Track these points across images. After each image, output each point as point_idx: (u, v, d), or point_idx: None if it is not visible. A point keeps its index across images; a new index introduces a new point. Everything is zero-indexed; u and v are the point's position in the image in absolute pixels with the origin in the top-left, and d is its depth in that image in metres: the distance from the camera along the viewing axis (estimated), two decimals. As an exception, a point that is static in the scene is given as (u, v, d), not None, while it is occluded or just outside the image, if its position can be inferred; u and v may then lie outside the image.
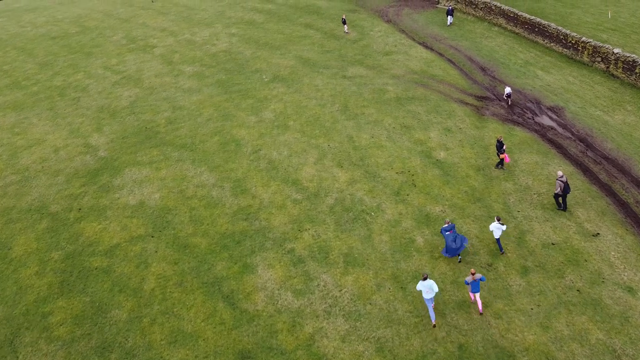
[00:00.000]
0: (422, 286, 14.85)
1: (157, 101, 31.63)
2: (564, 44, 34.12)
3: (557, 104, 28.04)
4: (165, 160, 25.01)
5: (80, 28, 50.39)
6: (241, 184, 22.58)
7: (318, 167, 23.40)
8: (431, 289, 14.77)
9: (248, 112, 29.06)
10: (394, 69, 33.65)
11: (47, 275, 18.55)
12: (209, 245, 19.22)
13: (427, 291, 14.80)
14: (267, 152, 24.89)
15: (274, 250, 18.75)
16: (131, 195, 22.55)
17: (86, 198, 22.68)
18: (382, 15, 45.42)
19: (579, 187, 21.19)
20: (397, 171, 22.80)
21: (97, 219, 21.20)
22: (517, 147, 24.30)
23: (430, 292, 14.80)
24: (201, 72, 35.36)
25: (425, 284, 14.79)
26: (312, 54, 37.10)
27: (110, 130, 28.58)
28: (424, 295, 14.91)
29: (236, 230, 19.84)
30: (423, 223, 19.53)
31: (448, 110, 27.90)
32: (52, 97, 34.08)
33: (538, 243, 18.23)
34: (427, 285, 14.78)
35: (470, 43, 37.41)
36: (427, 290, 14.81)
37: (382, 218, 19.90)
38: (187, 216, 20.89)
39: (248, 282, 17.42)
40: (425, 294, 14.89)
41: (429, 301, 15.04)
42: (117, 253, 19.22)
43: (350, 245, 18.69)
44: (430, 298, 14.92)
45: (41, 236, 20.60)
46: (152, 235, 20.00)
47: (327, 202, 21.05)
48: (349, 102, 29.16)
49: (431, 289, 14.77)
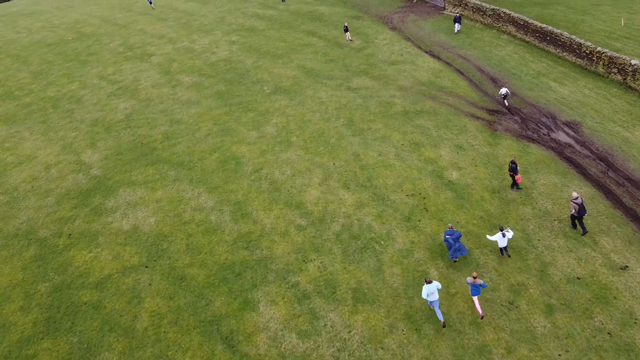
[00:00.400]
0: (427, 289, 14.94)
1: (153, 114, 30.32)
2: (578, 53, 32.77)
3: (574, 119, 26.69)
4: (162, 179, 23.68)
5: (76, 34, 49.12)
6: (241, 208, 21.24)
7: (323, 189, 22.06)
8: (435, 290, 14.98)
9: (249, 126, 27.73)
10: (400, 79, 32.31)
11: (33, 311, 17.21)
12: (207, 278, 17.88)
13: (432, 293, 14.99)
14: (268, 171, 23.55)
15: (276, 283, 17.41)
16: (125, 219, 21.22)
17: (77, 222, 21.35)
18: (386, 22, 44.10)
19: (602, 212, 19.84)
20: (407, 193, 21.46)
21: (87, 246, 19.87)
22: (534, 166, 22.95)
23: (435, 293, 14.99)
24: (200, 83, 34.05)
25: (430, 286, 14.93)
26: (315, 63, 35.78)
27: (104, 146, 27.26)
28: (429, 298, 15.09)
29: (236, 261, 18.50)
30: (437, 253, 18.18)
31: (459, 125, 26.56)
32: (45, 109, 32.78)
33: (562, 277, 16.87)
34: (431, 288, 14.94)
35: (479, 52, 36.07)
36: (431, 293, 14.98)
37: (392, 247, 18.55)
38: (184, 244, 19.55)
39: (249, 321, 16.07)
40: (430, 297, 15.06)
41: (434, 303, 15.24)
42: (108, 286, 17.89)
43: (359, 278, 17.34)
44: (435, 300, 15.10)
45: (28, 265, 19.27)
46: (146, 266, 18.67)
47: (333, 229, 19.71)
48: (354, 116, 27.83)
49: (435, 290, 14.98)
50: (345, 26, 39.09)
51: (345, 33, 39.32)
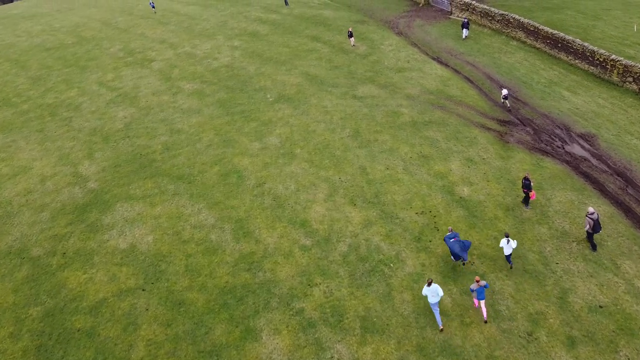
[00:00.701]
0: (428, 291, 15.01)
1: (153, 123, 29.43)
2: (591, 61, 31.77)
3: (589, 131, 25.69)
4: (161, 194, 22.78)
5: (76, 38, 48.31)
6: (243, 225, 20.31)
7: (329, 205, 21.12)
8: (436, 293, 14.93)
9: (251, 137, 26.82)
10: (407, 88, 31.35)
11: (23, 337, 16.32)
12: (207, 303, 16.95)
13: (433, 295, 14.95)
14: (272, 185, 22.63)
15: (280, 310, 16.47)
16: (122, 237, 20.32)
17: (72, 240, 20.46)
18: (392, 27, 43.14)
19: (622, 233, 18.85)
20: (416, 211, 20.50)
21: (82, 267, 18.97)
22: (549, 182, 21.97)
23: (436, 296, 14.93)
24: (201, 90, 33.16)
25: (431, 289, 14.92)
26: (320, 70, 34.85)
27: (102, 157, 26.38)
28: (430, 299, 15.04)
29: (237, 284, 17.57)
30: (449, 278, 17.22)
31: (469, 136, 25.59)
32: (43, 117, 31.94)
33: (583, 305, 15.89)
34: (432, 290, 14.91)
35: (488, 59, 35.09)
36: (432, 295, 14.95)
37: (402, 271, 17.60)
38: (183, 265, 18.64)
39: (251, 352, 15.14)
40: (430, 299, 15.01)
41: (434, 305, 15.13)
42: (103, 311, 16.98)
43: (367, 305, 16.39)
44: (435, 302, 15.03)
45: (20, 287, 18.38)
46: (143, 289, 17.76)
47: (339, 249, 18.76)
48: (360, 127, 26.88)
49: (436, 293, 14.93)
50: (349, 31, 38.13)
51: (350, 39, 38.39)
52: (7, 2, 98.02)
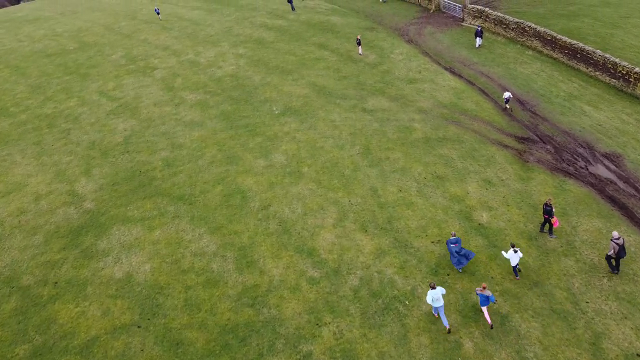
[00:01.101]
0: (432, 294, 14.82)
1: (154, 136, 28.22)
2: (612, 74, 30.24)
3: (614, 150, 24.21)
4: (160, 216, 21.54)
5: (78, 44, 47.27)
6: (247, 254, 19.02)
7: (338, 232, 19.79)
8: (440, 296, 14.83)
9: (256, 153, 25.54)
10: (419, 100, 29.97)
11: (8, 380, 15.13)
12: (207, 343, 15.67)
13: (437, 299, 14.82)
14: (277, 208, 21.33)
15: (286, 353, 15.16)
16: (117, 264, 19.09)
17: (65, 267, 19.24)
18: (402, 35, 41.73)
19: (656, 268, 17.39)
20: (432, 239, 19.13)
21: (74, 299, 17.74)
22: (573, 207, 20.53)
23: (440, 299, 14.84)
24: (205, 101, 31.92)
25: (435, 292, 14.80)
26: (328, 80, 33.53)
27: (100, 174, 25.18)
28: (434, 304, 14.88)
29: (240, 322, 16.27)
30: (470, 318, 15.83)
31: (486, 155, 24.19)
32: (41, 129, 30.82)
33: (619, 353, 14.47)
34: (436, 294, 14.79)
35: (503, 70, 33.63)
36: (437, 299, 14.81)
37: (418, 309, 16.23)
38: (182, 298, 17.36)
39: (254, 403, 13.86)
40: (435, 303, 14.86)
41: (439, 309, 15.07)
42: (95, 351, 15.73)
43: (381, 349, 15.04)
44: (440, 306, 14.94)
45: (7, 321, 17.18)
46: (138, 325, 16.50)
47: (350, 283, 17.43)
48: (370, 143, 25.53)
49: (440, 296, 14.83)
50: (357, 39, 36.77)
51: (358, 47, 37.03)
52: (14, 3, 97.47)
